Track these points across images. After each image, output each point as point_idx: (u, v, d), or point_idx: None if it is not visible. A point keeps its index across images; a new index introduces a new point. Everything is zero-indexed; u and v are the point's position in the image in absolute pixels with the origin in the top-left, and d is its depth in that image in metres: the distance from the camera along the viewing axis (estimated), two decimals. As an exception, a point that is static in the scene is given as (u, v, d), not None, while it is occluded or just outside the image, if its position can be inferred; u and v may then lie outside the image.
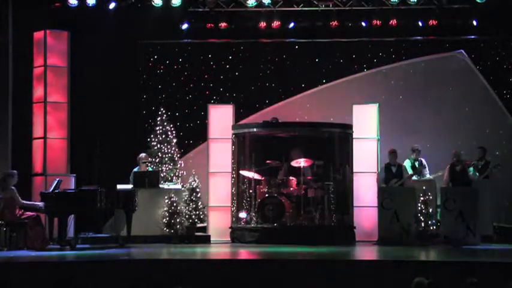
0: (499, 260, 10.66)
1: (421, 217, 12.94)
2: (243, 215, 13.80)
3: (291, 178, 13.87)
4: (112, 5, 14.75)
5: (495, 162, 13.80)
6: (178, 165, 14.09)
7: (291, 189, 13.81)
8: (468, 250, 12.04)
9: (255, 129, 14.14)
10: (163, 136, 14.08)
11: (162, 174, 13.76)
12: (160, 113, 14.24)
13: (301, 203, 13.65)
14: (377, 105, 14.22)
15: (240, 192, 13.96)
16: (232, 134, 14.01)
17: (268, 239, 13.19)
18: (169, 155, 14.00)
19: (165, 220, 13.24)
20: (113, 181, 13.06)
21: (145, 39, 15.44)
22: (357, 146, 14.00)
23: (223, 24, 15.23)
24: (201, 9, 15.17)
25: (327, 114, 14.88)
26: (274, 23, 15.15)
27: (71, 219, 12.65)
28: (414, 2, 14.62)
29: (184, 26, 15.25)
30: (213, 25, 15.26)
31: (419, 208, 13.00)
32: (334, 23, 15.06)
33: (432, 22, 14.94)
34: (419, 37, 15.40)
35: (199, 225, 13.54)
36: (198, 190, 13.54)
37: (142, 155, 13.94)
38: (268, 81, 15.73)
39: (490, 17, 14.67)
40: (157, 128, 14.14)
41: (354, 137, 13.98)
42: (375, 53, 15.60)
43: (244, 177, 13.97)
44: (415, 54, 15.54)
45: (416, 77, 15.50)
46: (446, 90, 15.39)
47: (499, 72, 15.40)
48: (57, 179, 12.47)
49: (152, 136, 14.10)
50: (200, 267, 10.15)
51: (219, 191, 14.05)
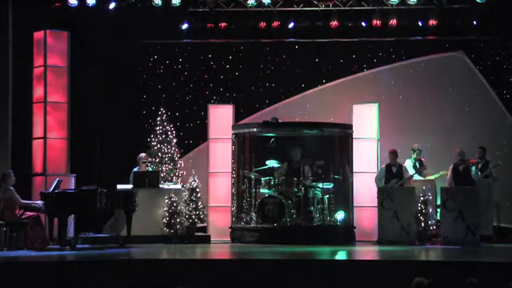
0: (499, 260, 10.65)
1: (421, 217, 12.94)
2: (243, 215, 13.81)
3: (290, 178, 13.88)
4: (112, 5, 14.76)
5: (495, 162, 13.79)
6: (178, 165, 14.10)
7: (291, 189, 13.81)
8: (468, 250, 12.04)
9: (255, 129, 14.14)
10: (163, 136, 14.09)
11: (162, 174, 13.77)
12: (160, 113, 14.25)
13: (301, 203, 13.66)
14: (377, 105, 14.22)
15: (240, 192, 13.96)
16: (232, 134, 14.01)
17: (268, 239, 13.19)
18: (169, 155, 14.01)
19: (165, 220, 13.24)
20: (113, 181, 13.08)
21: (145, 39, 15.44)
22: (357, 146, 14.00)
23: (223, 24, 15.23)
24: (201, 9, 15.17)
25: (327, 114, 14.88)
26: (274, 23, 15.15)
27: (71, 219, 12.67)
28: (414, 2, 14.61)
29: (184, 26, 15.25)
30: (213, 25, 15.25)
31: (419, 208, 12.99)
32: (334, 23, 15.07)
33: (432, 22, 14.94)
34: (419, 37, 15.39)
35: (199, 225, 13.54)
36: (198, 190, 13.54)
37: (142, 155, 13.94)
38: (268, 81, 15.72)
39: (490, 17, 14.66)
40: (157, 128, 14.14)
41: (354, 137, 13.98)
42: (375, 53, 15.58)
43: (244, 177, 13.97)
44: (415, 54, 15.52)
45: (416, 77, 15.49)
46: (446, 90, 15.38)
47: (499, 72, 15.39)
48: (57, 179, 12.48)
49: (152, 136, 14.11)
50: (200, 267, 10.14)
51: (219, 191, 14.07)
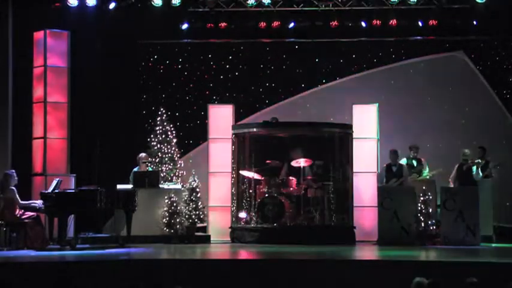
0: (499, 260, 10.66)
1: (421, 217, 12.94)
2: (243, 214, 13.81)
3: (291, 178, 13.88)
4: (112, 5, 14.75)
5: (495, 162, 13.79)
6: (178, 165, 14.10)
7: (291, 189, 13.83)
8: (468, 250, 12.03)
9: (255, 129, 14.13)
10: (163, 136, 14.08)
11: (162, 174, 13.76)
12: (160, 113, 14.24)
13: (301, 203, 13.66)
14: (377, 105, 14.21)
15: (240, 192, 13.96)
16: (232, 134, 14.00)
17: (268, 239, 13.18)
18: (169, 155, 14.01)
19: (165, 220, 13.24)
20: (113, 181, 13.09)
21: (145, 39, 15.44)
22: (357, 146, 13.99)
23: (223, 24, 15.22)
24: (201, 9, 15.17)
25: (327, 114, 14.89)
26: (274, 23, 15.15)
27: (71, 219, 12.66)
28: (414, 2, 14.60)
29: (184, 26, 15.24)
30: (213, 25, 15.25)
31: (419, 208, 12.99)
32: (334, 23, 15.06)
33: (432, 22, 14.93)
34: (419, 37, 15.39)
35: (199, 225, 13.54)
36: (198, 190, 13.54)
37: (142, 155, 13.94)
38: (268, 81, 15.72)
39: (490, 17, 14.66)
40: (157, 128, 14.14)
41: (354, 137, 13.97)
42: (375, 53, 15.59)
43: (244, 177, 13.97)
44: (415, 54, 15.53)
45: (416, 77, 15.49)
46: (446, 90, 15.38)
47: (499, 72, 15.40)
48: (57, 179, 12.47)
49: (152, 136, 14.11)
50: (200, 267, 10.14)
51: (219, 191, 14.06)
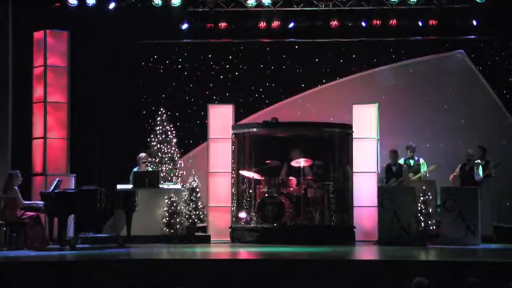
0: (499, 260, 10.65)
1: (421, 217, 12.93)
2: (243, 214, 13.81)
3: (291, 178, 13.88)
4: (112, 5, 14.77)
5: (495, 162, 13.79)
6: (178, 165, 14.09)
7: (291, 189, 13.82)
8: (468, 250, 12.03)
9: (255, 129, 14.12)
10: (163, 136, 14.08)
11: (162, 174, 13.76)
12: (160, 113, 14.24)
13: (301, 203, 13.65)
14: (377, 105, 14.21)
15: (240, 192, 13.96)
16: (232, 134, 14.00)
17: (268, 239, 13.17)
18: (169, 155, 14.00)
19: (165, 220, 13.23)
20: (113, 181, 13.09)
21: (145, 39, 15.45)
22: (356, 146, 13.99)
23: (223, 24, 15.24)
24: (201, 9, 15.18)
25: (327, 114, 14.89)
26: (274, 23, 15.16)
27: (71, 219, 12.66)
28: (414, 2, 14.62)
29: (184, 26, 15.26)
30: (213, 25, 15.27)
31: (419, 208, 12.98)
32: (334, 23, 15.08)
33: (432, 22, 14.95)
34: (419, 37, 15.40)
35: (199, 225, 13.53)
36: (198, 190, 13.53)
37: (142, 155, 13.94)
38: (268, 81, 15.73)
39: (490, 17, 14.66)
40: (157, 128, 14.14)
41: (354, 137, 13.96)
42: (375, 53, 15.60)
43: (244, 177, 13.98)
44: (415, 54, 15.54)
45: (416, 77, 15.49)
46: (446, 90, 15.39)
47: (499, 72, 15.40)
48: (57, 179, 12.47)
49: (152, 136, 14.10)
50: (200, 267, 10.13)
51: (219, 191, 14.05)
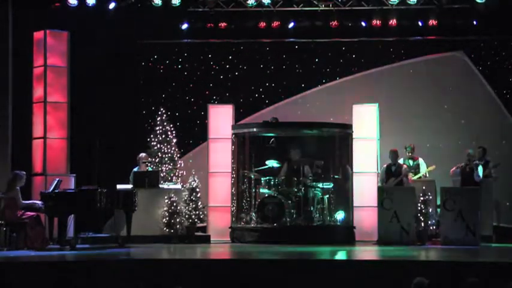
0: (499, 260, 10.65)
1: (421, 217, 12.94)
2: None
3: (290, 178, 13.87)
4: (112, 5, 14.76)
5: (495, 162, 13.79)
6: (178, 165, 14.09)
7: (291, 189, 13.81)
8: (468, 250, 12.03)
9: (255, 129, 14.13)
10: (163, 136, 14.08)
11: (162, 174, 13.76)
12: (160, 113, 14.24)
13: (301, 203, 13.65)
14: (377, 105, 14.21)
15: (240, 192, 13.96)
16: (232, 134, 14.00)
17: (268, 239, 13.18)
18: (169, 155, 14.00)
19: (165, 220, 13.24)
20: (113, 181, 13.09)
21: (145, 39, 15.44)
22: (357, 146, 14.00)
23: (223, 24, 15.24)
24: (201, 9, 15.17)
25: (327, 114, 14.89)
26: (274, 23, 15.16)
27: (71, 219, 12.65)
28: (414, 2, 14.61)
29: (184, 26, 15.26)
30: (213, 25, 15.27)
31: (419, 208, 12.99)
32: (334, 23, 15.07)
33: (432, 22, 14.94)
34: (419, 37, 15.39)
35: (199, 225, 13.54)
36: (197, 190, 13.53)
37: (142, 155, 13.94)
38: (268, 81, 15.72)
39: (490, 17, 14.66)
40: (157, 128, 14.13)
41: (354, 137, 13.97)
42: (374, 53, 15.58)
43: (244, 177, 13.98)
44: (415, 54, 15.52)
45: (416, 77, 15.49)
46: (446, 90, 15.38)
47: (499, 72, 15.39)
48: (57, 179, 12.47)
49: (152, 136, 14.10)
50: (200, 267, 10.13)
51: (219, 191, 14.05)
